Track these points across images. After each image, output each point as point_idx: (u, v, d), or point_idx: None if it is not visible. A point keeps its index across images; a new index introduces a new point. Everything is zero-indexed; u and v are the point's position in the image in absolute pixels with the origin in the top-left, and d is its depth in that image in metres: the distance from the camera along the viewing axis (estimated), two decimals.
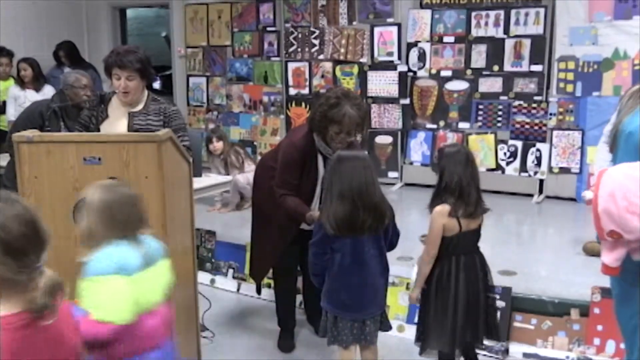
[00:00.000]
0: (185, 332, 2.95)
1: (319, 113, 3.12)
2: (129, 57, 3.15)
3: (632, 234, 2.32)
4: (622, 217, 2.28)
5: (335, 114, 3.04)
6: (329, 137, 3.12)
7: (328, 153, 3.17)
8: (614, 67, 5.53)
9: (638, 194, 2.30)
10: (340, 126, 3.05)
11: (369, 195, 2.61)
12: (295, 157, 3.21)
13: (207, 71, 7.60)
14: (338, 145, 3.11)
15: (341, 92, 3.14)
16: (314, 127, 3.18)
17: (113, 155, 2.51)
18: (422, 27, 6.29)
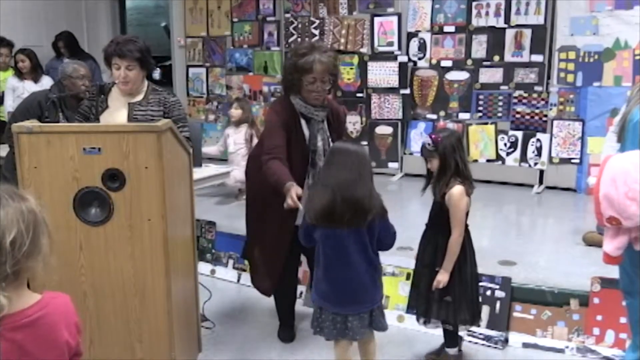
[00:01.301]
0: (186, 323, 2.96)
1: (289, 66, 3.13)
2: (128, 46, 3.14)
3: (631, 220, 2.33)
4: (621, 202, 2.30)
5: (305, 62, 3.04)
6: (304, 91, 3.09)
7: (310, 113, 3.15)
8: (614, 57, 5.51)
9: (639, 181, 2.31)
10: (313, 74, 3.04)
11: (350, 190, 2.56)
12: (276, 119, 3.13)
13: (206, 61, 7.59)
14: (316, 98, 3.10)
15: (308, 43, 3.19)
16: (289, 86, 3.16)
17: (113, 146, 2.51)
18: (422, 16, 6.27)
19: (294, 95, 3.16)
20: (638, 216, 2.33)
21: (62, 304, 1.51)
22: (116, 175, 2.52)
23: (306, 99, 3.13)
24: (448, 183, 2.93)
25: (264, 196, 3.20)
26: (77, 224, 2.57)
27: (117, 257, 2.60)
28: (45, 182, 2.54)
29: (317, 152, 3.20)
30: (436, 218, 3.05)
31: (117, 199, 2.54)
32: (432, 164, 2.98)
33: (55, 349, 1.46)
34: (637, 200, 2.31)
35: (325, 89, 3.13)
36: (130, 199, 2.54)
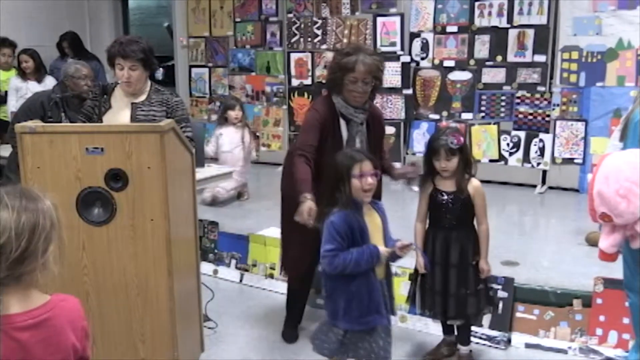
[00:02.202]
0: (189, 323, 2.96)
1: (334, 65, 3.13)
2: (132, 46, 3.14)
3: (621, 217, 2.35)
4: (612, 199, 2.32)
5: (348, 61, 3.03)
6: (346, 91, 3.07)
7: (350, 114, 3.12)
8: (617, 57, 5.50)
9: (630, 179, 2.32)
10: (355, 74, 3.02)
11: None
12: (316, 117, 3.12)
13: (209, 61, 7.59)
14: (356, 98, 3.07)
15: (354, 44, 3.16)
16: (331, 86, 3.15)
17: (115, 146, 2.51)
18: (425, 17, 6.26)
19: (336, 94, 3.13)
20: (628, 213, 2.34)
21: (70, 307, 1.50)
22: (119, 175, 2.52)
23: (347, 99, 3.10)
24: (464, 174, 3.00)
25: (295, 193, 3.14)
26: (80, 224, 2.57)
27: (120, 257, 2.60)
28: (48, 182, 2.54)
29: None
30: (464, 215, 3.03)
31: (120, 199, 2.54)
32: (451, 163, 2.96)
33: (60, 351, 1.46)
34: (627, 197, 2.32)
35: (367, 90, 3.10)
36: (133, 199, 2.54)
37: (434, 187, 3.05)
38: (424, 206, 3.10)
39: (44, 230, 1.40)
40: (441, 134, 3.01)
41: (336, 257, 2.48)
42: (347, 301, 2.54)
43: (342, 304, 2.54)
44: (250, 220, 4.94)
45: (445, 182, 3.02)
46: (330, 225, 2.51)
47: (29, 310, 1.42)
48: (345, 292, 2.54)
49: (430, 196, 3.06)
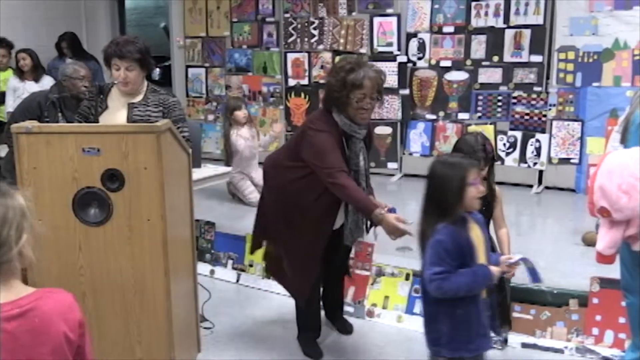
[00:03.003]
0: (185, 323, 2.96)
1: (337, 82, 2.96)
2: (128, 47, 3.14)
3: (620, 212, 2.35)
4: (613, 194, 2.33)
5: (355, 78, 2.92)
6: (351, 108, 2.96)
7: (353, 131, 3.02)
8: (614, 57, 5.51)
9: (635, 175, 2.33)
10: (363, 90, 2.92)
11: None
12: (330, 138, 2.97)
13: (206, 62, 7.59)
14: (364, 115, 2.99)
15: (354, 59, 3.05)
16: (334, 103, 3.01)
17: (112, 146, 2.51)
18: (421, 17, 6.27)
19: (338, 112, 3.01)
20: (629, 209, 2.35)
21: (60, 298, 1.53)
22: (115, 175, 2.52)
23: (352, 117, 2.99)
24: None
25: (297, 202, 3.10)
26: (77, 225, 2.57)
27: (117, 258, 2.60)
28: (44, 183, 2.54)
29: (359, 172, 3.09)
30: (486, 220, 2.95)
31: (117, 199, 2.54)
32: (484, 171, 2.94)
33: (50, 340, 1.47)
34: (629, 193, 2.33)
35: (374, 106, 3.04)
36: (130, 199, 2.54)
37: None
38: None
39: (14, 220, 1.45)
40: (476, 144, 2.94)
41: (446, 280, 2.25)
42: (452, 326, 2.33)
43: (446, 329, 2.34)
44: (247, 220, 4.92)
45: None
46: (437, 244, 2.28)
47: (14, 300, 1.44)
48: (450, 317, 2.33)
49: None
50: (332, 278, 3.51)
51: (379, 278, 3.84)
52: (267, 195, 3.33)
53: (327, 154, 2.96)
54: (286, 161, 3.20)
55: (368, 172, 3.18)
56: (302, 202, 3.10)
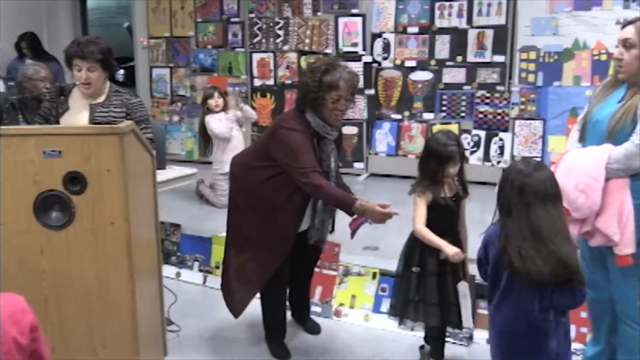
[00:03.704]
0: (151, 327, 2.93)
1: (313, 84, 2.95)
2: (90, 47, 3.09)
3: (579, 211, 2.42)
4: (571, 193, 2.39)
5: (331, 79, 2.92)
6: (326, 109, 2.97)
7: (325, 132, 3.03)
8: (574, 57, 5.63)
9: (590, 174, 2.39)
10: (339, 91, 2.93)
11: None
12: (303, 138, 2.97)
13: (170, 62, 7.52)
14: (338, 116, 2.99)
15: (328, 61, 3.01)
16: (309, 103, 3.00)
17: (74, 149, 2.46)
18: (386, 17, 6.32)
19: (312, 113, 3.01)
20: (586, 208, 2.41)
21: (10, 302, 1.50)
22: (77, 178, 2.48)
23: (327, 118, 3.00)
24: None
25: (266, 203, 3.09)
26: (38, 229, 2.52)
27: (80, 261, 2.56)
28: (4, 186, 2.49)
29: (330, 173, 3.08)
30: (455, 219, 3.03)
31: (79, 202, 2.50)
32: (457, 167, 2.97)
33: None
34: (585, 192, 2.39)
35: (349, 107, 3.04)
36: (92, 202, 2.50)
37: (436, 193, 2.96)
38: (424, 209, 2.96)
39: None
40: (449, 140, 2.95)
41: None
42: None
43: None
44: (213, 221, 4.90)
45: (445, 188, 2.99)
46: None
47: None
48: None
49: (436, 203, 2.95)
50: (299, 279, 3.51)
51: (346, 278, 3.86)
52: (235, 196, 3.30)
53: (300, 153, 2.95)
54: (254, 161, 3.18)
55: (339, 173, 3.18)
56: (270, 202, 3.09)
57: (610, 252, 2.52)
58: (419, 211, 2.96)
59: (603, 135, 2.51)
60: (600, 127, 2.54)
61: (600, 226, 2.46)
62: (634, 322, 2.57)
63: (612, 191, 2.44)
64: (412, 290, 2.99)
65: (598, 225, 2.47)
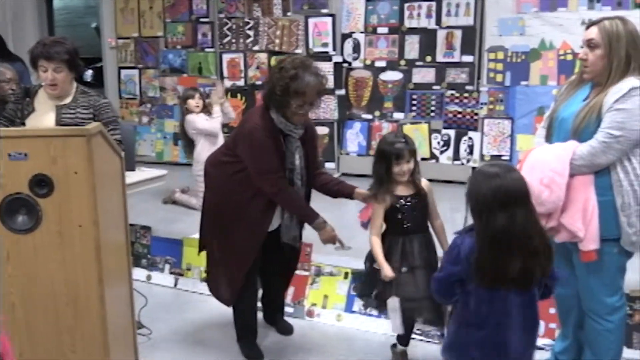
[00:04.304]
0: (121, 331, 2.90)
1: (279, 88, 2.94)
2: (56, 48, 3.05)
3: (543, 206, 2.46)
4: (535, 188, 2.43)
5: (297, 86, 2.91)
6: (289, 111, 2.98)
7: (289, 130, 3.04)
8: (540, 57, 5.72)
9: (555, 169, 2.44)
10: (304, 97, 2.94)
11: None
12: (268, 137, 2.99)
13: (139, 63, 7.44)
14: (300, 119, 3.02)
15: (298, 61, 2.99)
16: (274, 104, 3.00)
17: (40, 151, 2.42)
18: (356, 17, 6.34)
19: (275, 111, 3.02)
20: (550, 203, 2.45)
21: None
22: (44, 181, 2.44)
23: (289, 118, 3.01)
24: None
25: (234, 199, 3.11)
26: (4, 233, 2.47)
27: (47, 266, 2.52)
28: None
29: (294, 170, 3.09)
30: (422, 217, 3.02)
31: (46, 205, 2.46)
32: (410, 165, 2.95)
33: None
34: (550, 187, 2.44)
35: (312, 110, 3.06)
36: (60, 205, 2.46)
37: (391, 194, 2.97)
38: (381, 218, 2.98)
39: None
40: (395, 138, 2.96)
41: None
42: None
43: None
44: (184, 223, 4.88)
45: (402, 187, 2.98)
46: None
47: None
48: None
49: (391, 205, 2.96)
50: (273, 280, 3.51)
51: (318, 278, 3.86)
52: (207, 195, 3.31)
53: (262, 154, 2.98)
54: (223, 157, 3.21)
55: (304, 171, 3.16)
56: (238, 199, 3.09)
57: (576, 248, 2.56)
58: (375, 220, 2.99)
59: (568, 133, 2.55)
60: (565, 125, 2.58)
61: (565, 222, 2.51)
62: (599, 316, 2.62)
63: (577, 188, 2.48)
64: (374, 286, 3.04)
65: (563, 221, 2.51)
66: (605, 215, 2.48)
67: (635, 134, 2.41)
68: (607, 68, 2.49)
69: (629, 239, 2.50)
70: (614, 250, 2.54)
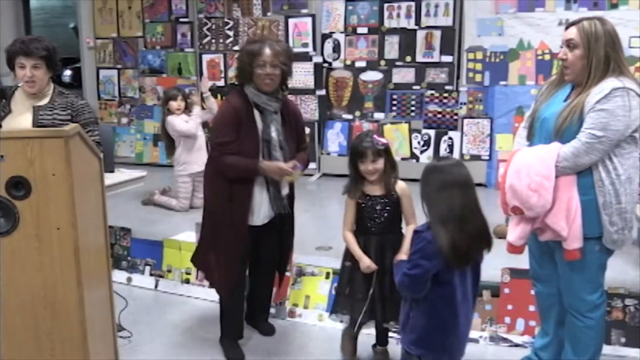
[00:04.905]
0: (101, 334, 2.87)
1: (241, 54, 3.17)
2: (34, 44, 3.03)
3: (532, 210, 2.48)
4: (523, 193, 2.46)
5: (255, 47, 3.10)
6: (255, 76, 3.08)
7: (263, 102, 3.12)
8: (519, 57, 5.77)
9: (541, 173, 2.46)
10: (262, 57, 3.06)
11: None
12: (229, 110, 3.13)
13: (118, 63, 7.39)
14: (267, 82, 3.08)
15: (259, 37, 3.22)
16: (241, 76, 3.17)
17: (16, 153, 2.39)
18: (336, 18, 6.35)
19: (247, 84, 3.14)
20: (539, 207, 2.48)
21: None
22: (21, 183, 2.40)
23: (259, 85, 3.10)
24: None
25: (220, 200, 3.15)
26: None
27: (25, 269, 2.48)
28: None
29: (271, 142, 3.14)
30: (394, 218, 3.01)
31: (23, 208, 2.43)
32: (378, 165, 2.95)
33: None
34: (538, 191, 2.46)
35: (276, 74, 3.10)
36: (38, 207, 2.43)
37: (362, 193, 2.99)
38: (352, 213, 3.02)
39: None
40: (365, 137, 2.98)
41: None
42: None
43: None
44: (164, 225, 4.85)
45: (373, 187, 2.99)
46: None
47: None
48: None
49: (358, 202, 2.99)
50: (261, 281, 3.51)
51: (300, 278, 3.86)
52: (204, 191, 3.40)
53: (219, 130, 3.14)
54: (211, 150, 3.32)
55: (285, 144, 3.19)
56: (222, 190, 3.14)
57: (559, 247, 2.59)
58: (346, 215, 3.03)
59: (550, 132, 2.58)
60: (547, 124, 2.61)
61: (549, 222, 2.53)
62: (580, 313, 2.65)
63: (560, 188, 2.51)
64: (344, 283, 3.07)
65: (547, 221, 2.53)
66: (588, 214, 2.51)
67: (617, 134, 2.44)
68: (587, 68, 2.52)
69: (610, 237, 2.53)
70: (596, 249, 2.57)
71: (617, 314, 3.31)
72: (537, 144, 2.64)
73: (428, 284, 2.38)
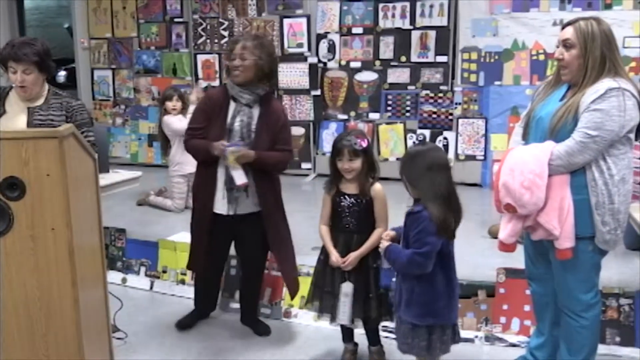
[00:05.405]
0: (96, 335, 2.86)
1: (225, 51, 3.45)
2: (24, 49, 3.00)
3: (524, 208, 2.49)
4: (517, 191, 2.46)
5: (231, 43, 3.35)
6: (230, 70, 3.30)
7: (235, 94, 3.28)
8: (513, 57, 5.78)
9: (534, 171, 2.47)
10: (234, 51, 3.25)
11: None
12: (204, 100, 3.45)
13: (112, 63, 7.37)
14: (235, 72, 3.24)
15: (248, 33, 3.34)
16: (226, 69, 3.41)
17: (11, 153, 2.38)
18: (331, 18, 6.35)
19: (227, 77, 3.36)
20: (531, 204, 2.48)
21: None
22: (15, 183, 2.40)
23: (231, 78, 3.30)
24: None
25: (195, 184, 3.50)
26: None
27: (19, 270, 2.47)
28: None
29: (232, 131, 3.26)
30: (365, 219, 3.00)
31: (18, 208, 2.42)
32: (354, 164, 2.95)
33: None
34: (530, 189, 2.47)
35: (245, 65, 3.22)
36: (32, 208, 2.42)
37: (337, 189, 3.02)
38: (328, 208, 3.06)
39: None
40: (345, 135, 3.01)
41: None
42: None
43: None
44: (159, 225, 4.84)
45: (349, 185, 3.00)
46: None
47: None
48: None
49: (333, 198, 3.03)
50: (244, 277, 3.61)
51: None
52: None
53: (195, 113, 3.43)
54: None
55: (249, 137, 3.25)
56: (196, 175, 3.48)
57: (552, 246, 2.59)
58: (323, 209, 3.10)
59: (545, 132, 2.58)
60: (542, 124, 2.62)
61: (541, 221, 2.53)
62: (575, 313, 2.66)
63: (553, 187, 2.51)
64: (318, 275, 3.14)
65: (539, 220, 2.54)
66: (580, 214, 2.51)
67: (611, 134, 2.45)
68: (583, 68, 2.53)
69: (602, 237, 2.53)
70: (589, 248, 2.58)
71: (612, 314, 3.32)
72: (532, 143, 2.65)
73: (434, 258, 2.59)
